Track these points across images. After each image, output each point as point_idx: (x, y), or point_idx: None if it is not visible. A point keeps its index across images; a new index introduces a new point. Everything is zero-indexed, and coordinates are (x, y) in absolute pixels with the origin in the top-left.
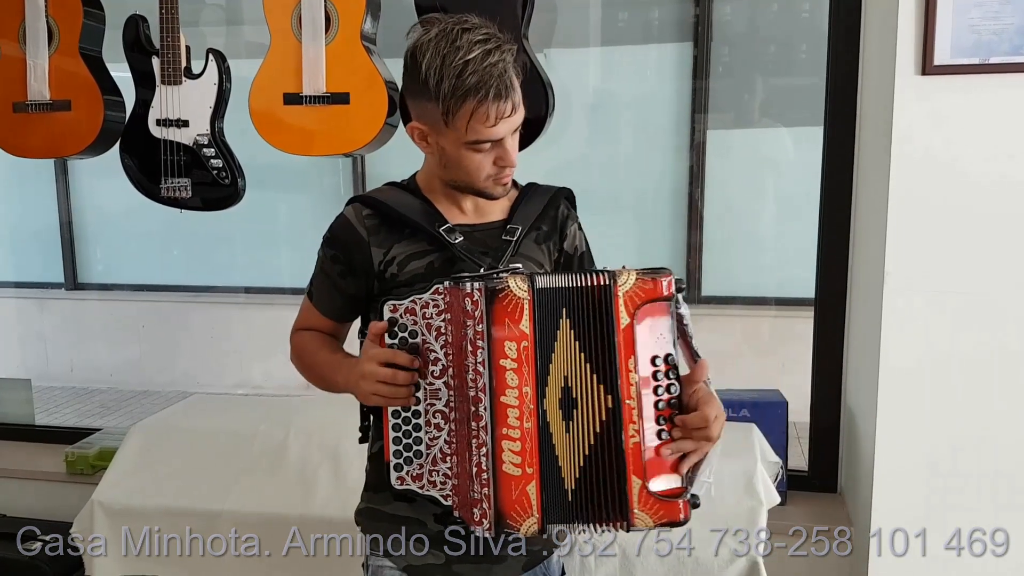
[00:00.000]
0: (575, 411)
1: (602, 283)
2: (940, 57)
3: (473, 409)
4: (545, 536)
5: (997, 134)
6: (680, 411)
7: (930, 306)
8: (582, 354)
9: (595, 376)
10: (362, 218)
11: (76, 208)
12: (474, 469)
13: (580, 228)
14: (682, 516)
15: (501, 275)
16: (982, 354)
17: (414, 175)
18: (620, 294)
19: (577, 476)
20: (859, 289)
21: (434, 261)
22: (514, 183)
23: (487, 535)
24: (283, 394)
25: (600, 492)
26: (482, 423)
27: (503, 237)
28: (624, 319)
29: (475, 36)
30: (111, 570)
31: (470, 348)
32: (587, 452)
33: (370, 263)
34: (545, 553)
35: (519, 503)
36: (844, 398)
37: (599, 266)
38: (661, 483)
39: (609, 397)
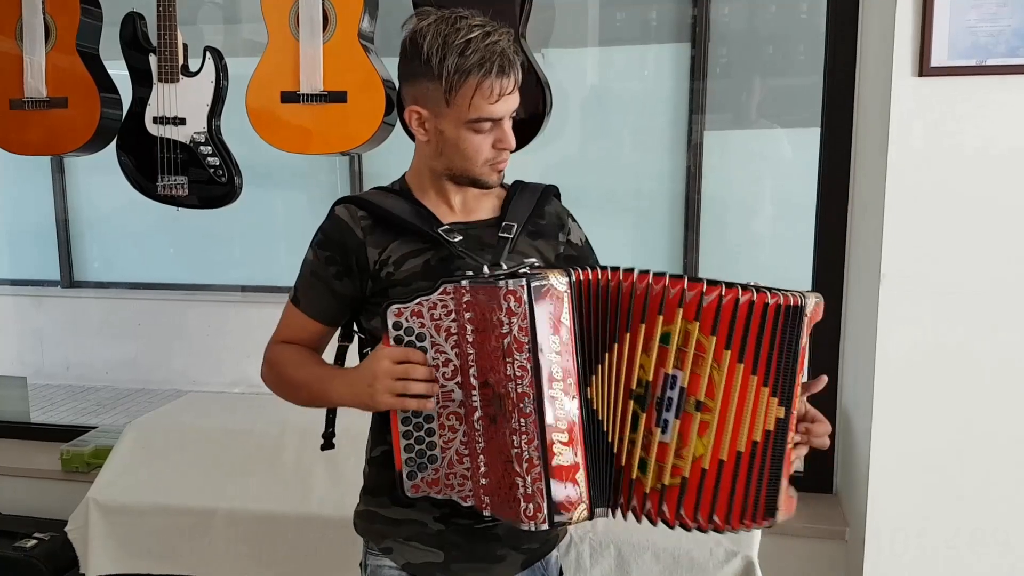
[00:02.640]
0: (659, 407)
1: (798, 304)
2: (937, 58)
3: (520, 405)
4: (592, 520)
5: (994, 135)
6: None
7: (926, 306)
8: (741, 365)
9: (766, 388)
10: (357, 218)
11: (72, 205)
12: (523, 464)
13: (575, 219)
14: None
15: (533, 271)
16: (978, 353)
17: (402, 177)
18: (808, 315)
19: (686, 475)
20: (855, 289)
21: (430, 259)
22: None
23: (539, 528)
24: None
25: (751, 493)
26: (531, 419)
27: (500, 234)
28: (805, 339)
29: (473, 21)
30: (106, 567)
31: (514, 345)
32: (723, 457)
33: (366, 262)
34: (545, 550)
35: (570, 492)
36: (840, 398)
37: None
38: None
39: (782, 409)
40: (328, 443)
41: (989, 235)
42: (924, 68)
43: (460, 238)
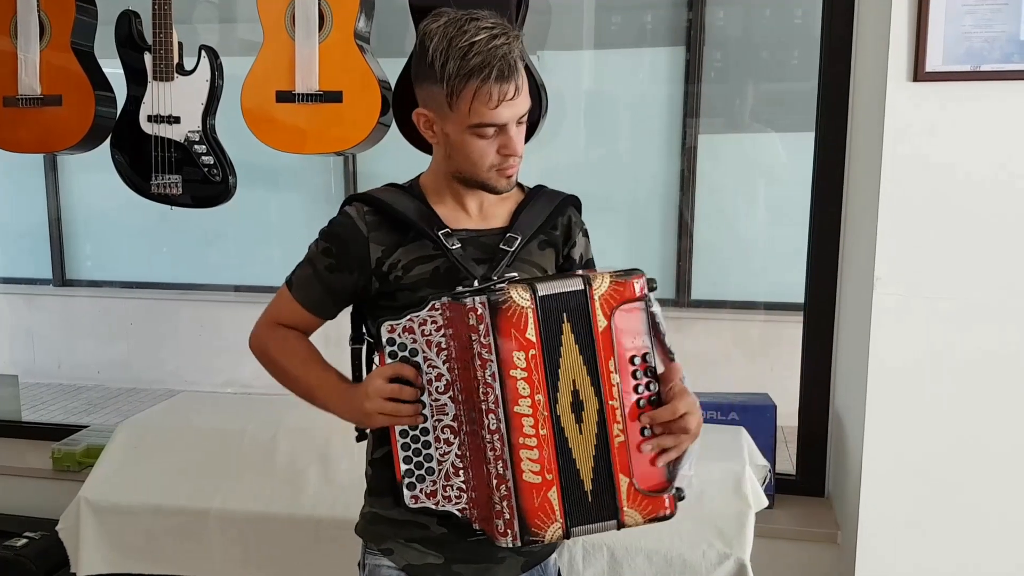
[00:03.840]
0: (583, 413)
1: (578, 288)
2: (932, 64)
3: (487, 421)
4: (569, 539)
5: (988, 141)
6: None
7: (919, 311)
8: (580, 357)
9: (589, 379)
10: (363, 214)
11: (65, 204)
12: (494, 481)
13: (586, 236)
14: (668, 511)
15: (499, 286)
16: (970, 358)
17: (417, 177)
18: (596, 297)
19: (592, 476)
20: (849, 294)
21: (440, 266)
22: (520, 186)
23: (513, 545)
24: (272, 393)
25: (598, 492)
26: (498, 435)
27: (500, 246)
28: (602, 322)
29: (482, 24)
30: (97, 567)
31: (478, 362)
32: (594, 452)
33: (367, 258)
34: (545, 553)
35: (542, 510)
36: (833, 402)
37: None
38: (647, 480)
39: (597, 399)
40: (363, 434)
41: (983, 239)
42: (919, 73)
43: (458, 245)
